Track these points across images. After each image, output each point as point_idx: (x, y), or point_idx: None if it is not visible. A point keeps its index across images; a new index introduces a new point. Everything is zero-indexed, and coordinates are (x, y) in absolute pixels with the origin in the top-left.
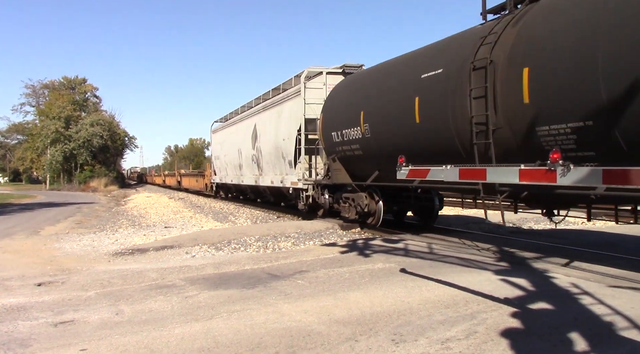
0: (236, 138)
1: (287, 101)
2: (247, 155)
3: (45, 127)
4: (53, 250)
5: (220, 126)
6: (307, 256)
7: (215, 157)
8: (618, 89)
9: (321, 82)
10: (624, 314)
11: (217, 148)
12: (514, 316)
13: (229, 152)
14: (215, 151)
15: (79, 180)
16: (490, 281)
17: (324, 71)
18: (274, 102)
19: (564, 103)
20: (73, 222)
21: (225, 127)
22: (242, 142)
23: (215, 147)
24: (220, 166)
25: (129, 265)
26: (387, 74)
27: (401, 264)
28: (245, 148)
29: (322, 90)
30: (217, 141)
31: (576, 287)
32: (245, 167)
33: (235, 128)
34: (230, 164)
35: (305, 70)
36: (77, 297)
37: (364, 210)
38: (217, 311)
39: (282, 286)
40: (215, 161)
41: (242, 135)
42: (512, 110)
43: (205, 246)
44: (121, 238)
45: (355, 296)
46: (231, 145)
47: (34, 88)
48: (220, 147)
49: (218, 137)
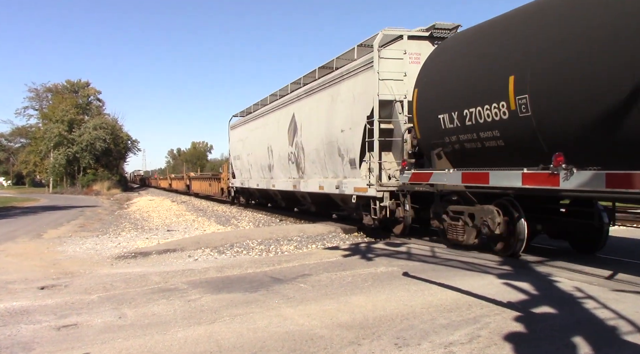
0: (265, 134)
1: (348, 79)
2: (281, 154)
3: (48, 130)
4: (56, 253)
5: (240, 121)
6: (310, 260)
7: (235, 156)
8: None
9: (400, 49)
10: (628, 318)
11: (238, 147)
12: (517, 320)
13: (254, 151)
14: (234, 150)
15: (81, 184)
16: (493, 285)
17: (405, 35)
18: (323, 84)
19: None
20: (76, 225)
21: (248, 122)
22: (273, 137)
23: (234, 145)
24: (241, 167)
25: (131, 269)
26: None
27: (404, 268)
28: (278, 145)
29: (401, 62)
30: (238, 138)
31: (580, 291)
32: (278, 168)
33: (262, 121)
34: (255, 165)
35: (380, 34)
36: (80, 300)
37: (493, 232)
38: (220, 315)
39: (284, 290)
40: (234, 162)
41: (273, 129)
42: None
43: (207, 250)
44: (124, 242)
45: (358, 299)
46: (257, 142)
47: (37, 91)
48: (242, 145)
49: (238, 134)
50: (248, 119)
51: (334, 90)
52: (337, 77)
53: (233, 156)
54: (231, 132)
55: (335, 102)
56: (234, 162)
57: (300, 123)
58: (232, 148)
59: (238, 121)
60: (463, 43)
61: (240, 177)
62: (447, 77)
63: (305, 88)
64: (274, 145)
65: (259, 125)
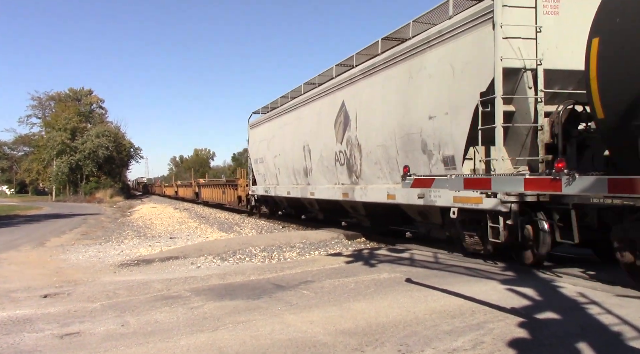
0: (298, 131)
1: (441, 45)
2: (323, 154)
3: (51, 138)
4: (59, 262)
5: (264, 118)
6: (313, 267)
7: (257, 160)
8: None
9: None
10: (632, 323)
11: (261, 148)
12: (521, 326)
13: (283, 152)
14: (256, 152)
15: (84, 191)
16: (496, 290)
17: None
18: (393, 58)
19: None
20: (79, 233)
21: (274, 118)
22: (311, 134)
23: (256, 146)
24: (264, 172)
25: (134, 276)
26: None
27: (407, 274)
28: (319, 144)
29: (531, 12)
30: (260, 138)
31: (583, 296)
32: (318, 171)
33: (295, 115)
34: (285, 169)
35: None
36: (82, 308)
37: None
38: (223, 322)
39: (287, 297)
40: (256, 166)
41: (311, 124)
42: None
43: (210, 257)
44: (127, 249)
45: (361, 306)
46: (288, 141)
47: (40, 100)
48: (266, 145)
49: (261, 133)
50: (274, 115)
51: (414, 64)
52: (419, 45)
53: (254, 159)
54: (251, 131)
55: (415, 79)
56: (256, 166)
57: (354, 114)
58: (252, 150)
59: (260, 118)
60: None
61: (264, 183)
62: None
63: (361, 68)
64: (313, 144)
65: (290, 121)
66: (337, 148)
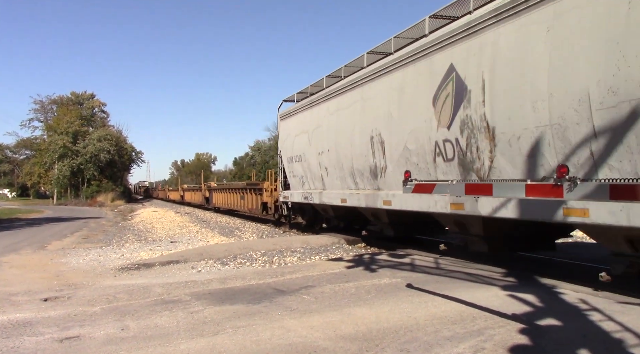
0: (361, 117)
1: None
2: (410, 146)
3: (53, 142)
4: (59, 265)
5: (301, 105)
6: (313, 271)
7: (291, 158)
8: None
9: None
10: (634, 330)
11: (298, 144)
12: (522, 332)
13: (336, 146)
14: (289, 149)
15: (86, 195)
16: (497, 296)
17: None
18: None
19: None
20: (80, 237)
21: (316, 104)
22: (386, 119)
23: (289, 142)
24: (303, 173)
25: (135, 280)
26: None
27: (407, 279)
28: (401, 132)
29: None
30: (297, 130)
31: (585, 303)
32: (397, 171)
33: (353, 97)
34: (337, 168)
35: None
36: (83, 312)
37: None
38: (223, 327)
39: (288, 302)
40: (290, 166)
41: (385, 104)
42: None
43: (211, 261)
44: (127, 253)
45: (362, 311)
46: (343, 131)
47: (42, 103)
48: (307, 139)
49: (298, 124)
50: (319, 99)
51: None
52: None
53: (287, 158)
54: (282, 123)
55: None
56: (289, 167)
57: (479, 80)
58: (285, 147)
59: (296, 106)
60: None
61: (301, 187)
62: None
63: (494, 7)
64: (389, 133)
65: (347, 104)
66: (440, 136)
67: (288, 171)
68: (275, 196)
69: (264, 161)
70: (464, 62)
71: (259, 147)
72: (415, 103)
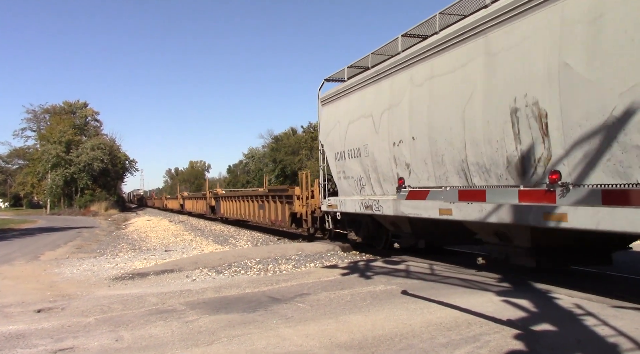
0: (483, 85)
1: None
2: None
3: (46, 151)
4: (53, 276)
5: (354, 84)
6: (308, 279)
7: (341, 154)
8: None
9: None
10: (628, 335)
11: (352, 134)
12: (517, 338)
13: (423, 132)
14: (338, 142)
15: (79, 204)
16: (492, 302)
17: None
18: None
19: None
20: (73, 247)
21: (380, 78)
22: (567, 77)
23: (338, 133)
24: (361, 174)
25: (129, 290)
26: None
27: (403, 286)
28: (603, 96)
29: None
30: (349, 116)
31: (579, 308)
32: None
33: (453, 59)
34: (425, 164)
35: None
36: (76, 323)
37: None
38: (218, 336)
39: (283, 310)
40: (339, 164)
41: (558, 54)
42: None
43: (205, 270)
44: (121, 263)
45: (357, 319)
46: (435, 111)
47: (35, 113)
48: (371, 126)
49: (349, 109)
50: (391, 68)
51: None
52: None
53: (333, 154)
54: (326, 109)
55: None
56: (338, 165)
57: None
58: (329, 141)
59: (348, 85)
60: None
61: (359, 192)
62: None
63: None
64: (560, 99)
65: (450, 66)
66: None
67: (336, 171)
68: (312, 205)
69: (258, 168)
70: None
71: (253, 154)
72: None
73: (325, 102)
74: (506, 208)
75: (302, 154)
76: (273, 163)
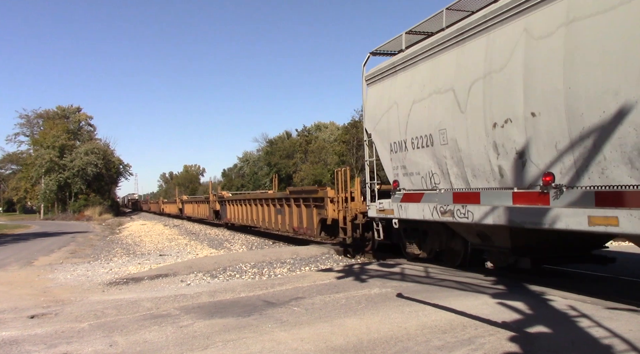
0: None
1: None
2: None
3: (39, 156)
4: (46, 281)
5: (416, 54)
6: (303, 283)
7: (400, 143)
8: None
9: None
10: (623, 336)
11: (417, 117)
12: (512, 340)
13: (558, 103)
14: (396, 128)
15: (73, 209)
16: (487, 304)
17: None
18: None
19: None
20: (67, 252)
21: (459, 40)
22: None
23: (395, 116)
24: (430, 169)
25: (123, 295)
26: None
27: (398, 289)
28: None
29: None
30: (412, 95)
31: (573, 309)
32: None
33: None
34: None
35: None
36: (70, 329)
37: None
38: (213, 341)
39: (278, 314)
40: (398, 156)
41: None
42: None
43: (200, 274)
44: (115, 267)
45: (352, 322)
46: (580, 66)
47: (28, 118)
48: (452, 104)
49: (411, 85)
50: (477, 25)
51: None
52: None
53: (391, 143)
54: (374, 88)
55: None
56: (395, 159)
57: None
58: (380, 128)
59: (406, 57)
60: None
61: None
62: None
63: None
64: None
65: (597, 6)
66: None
67: (391, 167)
68: (353, 210)
69: (253, 172)
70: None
71: (248, 158)
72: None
73: (374, 80)
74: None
75: (297, 157)
76: (268, 166)
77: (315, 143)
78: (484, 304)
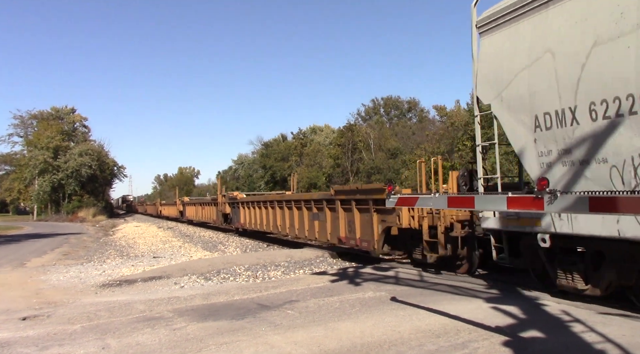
0: None
1: None
2: None
3: (33, 157)
4: (39, 283)
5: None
6: (297, 286)
7: (557, 117)
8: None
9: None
10: (615, 341)
11: (590, 76)
12: (506, 344)
13: None
14: (544, 96)
15: (66, 211)
16: (481, 309)
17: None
18: None
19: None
20: (60, 253)
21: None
22: None
23: (539, 78)
24: (626, 155)
25: (116, 297)
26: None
27: (392, 292)
28: None
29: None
30: (573, 44)
31: (567, 314)
32: None
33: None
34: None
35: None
36: (62, 331)
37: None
38: (206, 344)
39: (271, 317)
40: (542, 136)
41: None
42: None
43: (194, 277)
44: (109, 269)
45: (346, 326)
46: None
47: (22, 118)
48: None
49: (569, 28)
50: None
51: None
52: None
53: (534, 116)
54: (492, 38)
55: None
56: (542, 141)
57: None
58: (508, 96)
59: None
60: None
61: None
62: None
63: None
64: None
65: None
66: None
67: (536, 152)
68: (448, 217)
69: (248, 174)
70: None
71: (242, 160)
72: None
73: (497, 24)
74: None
75: (292, 160)
76: (263, 169)
77: (311, 146)
78: (477, 309)
